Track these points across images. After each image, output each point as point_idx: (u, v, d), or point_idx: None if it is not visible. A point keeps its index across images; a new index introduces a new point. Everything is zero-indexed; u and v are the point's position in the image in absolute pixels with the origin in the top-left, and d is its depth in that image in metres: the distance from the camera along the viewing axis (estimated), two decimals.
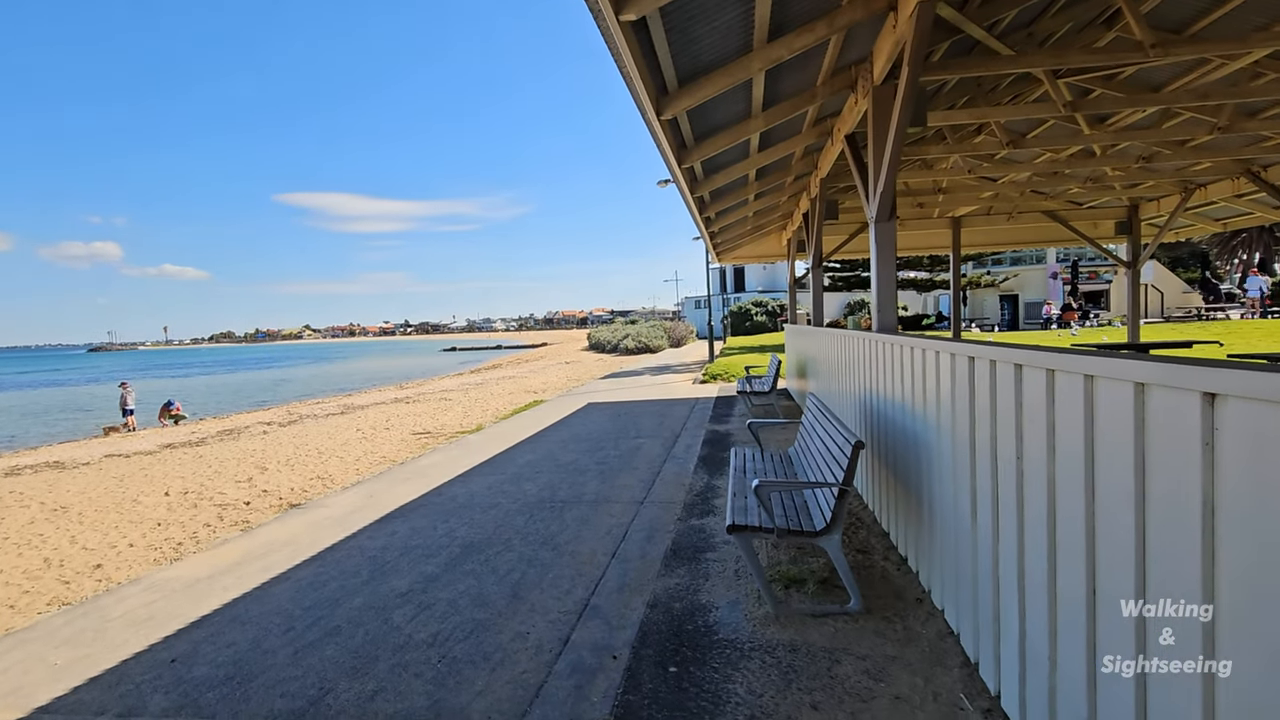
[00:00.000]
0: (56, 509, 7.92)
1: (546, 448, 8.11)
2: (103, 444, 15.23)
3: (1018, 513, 2.21)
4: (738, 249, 15.75)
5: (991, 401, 2.40)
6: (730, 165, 7.69)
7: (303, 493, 7.78)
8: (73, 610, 3.98)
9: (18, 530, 7.03)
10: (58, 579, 5.37)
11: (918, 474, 3.35)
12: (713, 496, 5.47)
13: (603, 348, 41.95)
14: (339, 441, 11.81)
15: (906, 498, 3.62)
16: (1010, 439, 2.25)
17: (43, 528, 7.06)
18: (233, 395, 34.60)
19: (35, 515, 7.68)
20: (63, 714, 2.79)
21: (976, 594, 2.59)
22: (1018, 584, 2.22)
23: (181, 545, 6.01)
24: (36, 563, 5.84)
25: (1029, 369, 2.12)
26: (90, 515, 7.48)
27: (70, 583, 5.25)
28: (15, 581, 5.38)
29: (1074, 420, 1.86)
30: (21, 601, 4.92)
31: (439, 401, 18.00)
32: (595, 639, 3.14)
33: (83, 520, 7.27)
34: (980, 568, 2.55)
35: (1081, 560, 1.83)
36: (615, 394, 14.19)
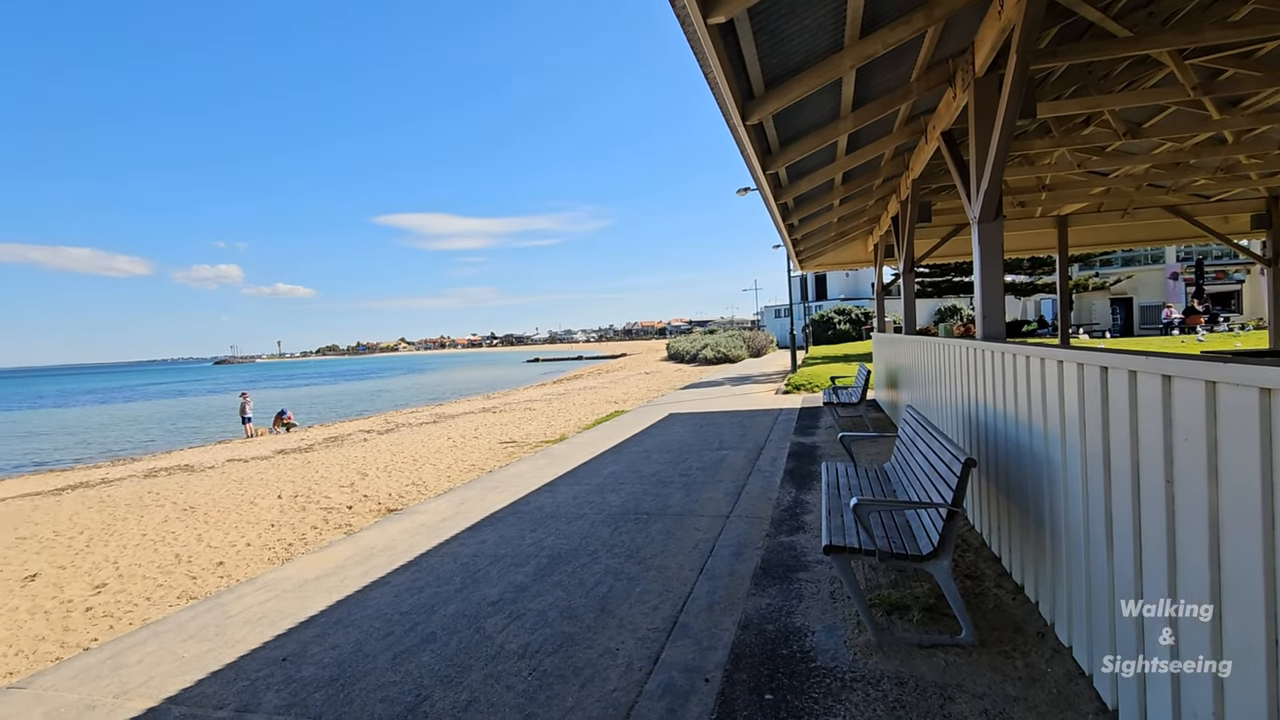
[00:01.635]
0: (186, 509, 8.62)
1: (629, 459, 8.08)
2: (225, 449, 16.55)
3: (1167, 545, 1.94)
4: (821, 256, 15.30)
5: (1131, 417, 2.13)
6: (816, 170, 7.45)
7: (399, 498, 8.11)
8: (198, 606, 4.26)
9: (154, 528, 7.69)
10: (186, 574, 5.81)
11: (1037, 495, 3.05)
12: (802, 512, 5.25)
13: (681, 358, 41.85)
14: (431, 449, 12.28)
15: (1023, 520, 3.31)
16: (1157, 460, 1.99)
17: (174, 526, 7.69)
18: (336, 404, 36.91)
19: (169, 514, 8.39)
20: (188, 706, 2.97)
21: (1115, 633, 2.31)
22: (1172, 626, 1.95)
23: (291, 546, 6.38)
24: (169, 558, 6.36)
25: (1180, 380, 1.86)
26: (214, 515, 8.09)
27: (197, 578, 5.66)
28: (151, 575, 5.86)
29: (1243, 441, 1.60)
30: (156, 594, 5.35)
31: (524, 411, 18.44)
32: (686, 659, 3.04)
33: (208, 520, 7.87)
34: (1119, 605, 2.26)
35: (1258, 606, 1.57)
36: (696, 404, 14.05)
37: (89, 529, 7.90)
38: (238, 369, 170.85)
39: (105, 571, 6.08)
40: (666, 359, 47.05)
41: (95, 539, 7.38)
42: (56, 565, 6.42)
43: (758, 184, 6.94)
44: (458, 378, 59.07)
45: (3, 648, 4.52)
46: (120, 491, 10.56)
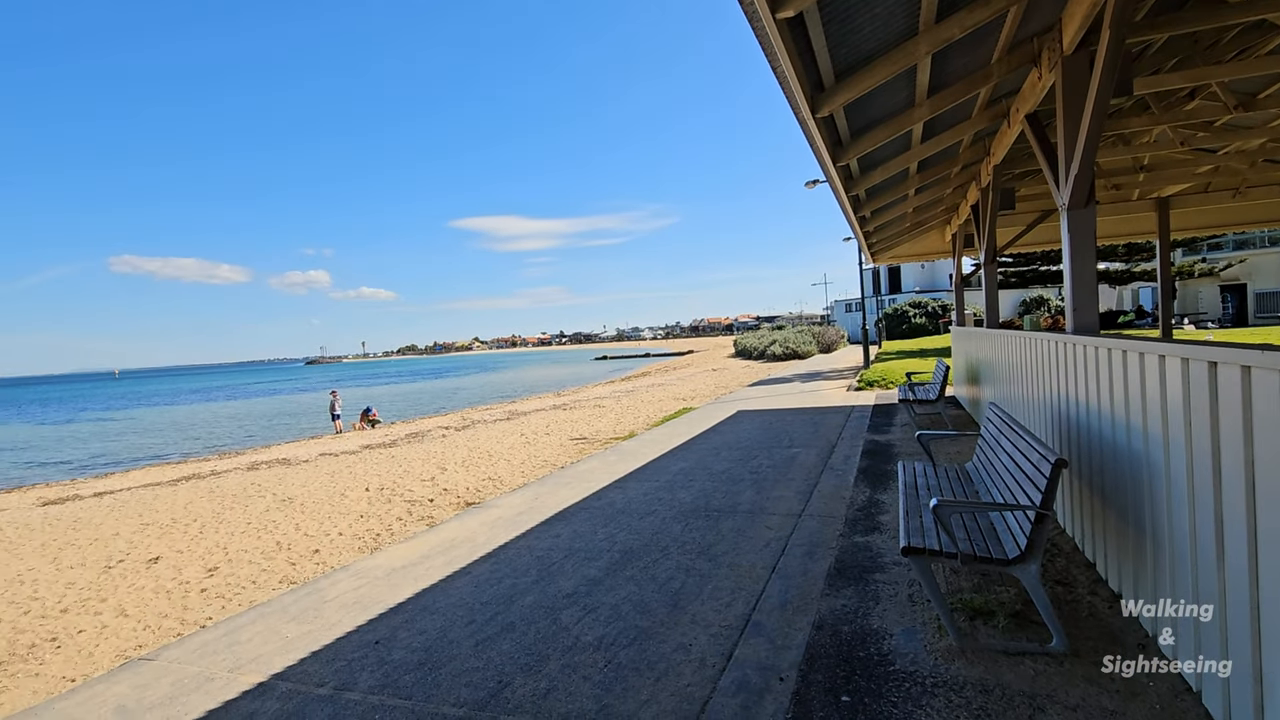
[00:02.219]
0: (284, 500, 9.24)
1: (698, 456, 8.08)
2: (318, 444, 17.60)
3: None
4: (894, 248, 14.78)
5: (1245, 416, 1.98)
6: (889, 160, 7.21)
7: (477, 492, 8.42)
8: (298, 590, 4.58)
9: (257, 517, 8.29)
10: (286, 560, 6.24)
11: (1136, 498, 2.86)
12: (877, 512, 5.11)
13: (749, 354, 41.35)
14: (506, 446, 12.66)
15: (1120, 525, 3.11)
16: (1277, 463, 1.83)
17: (275, 515, 8.27)
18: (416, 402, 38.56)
19: (269, 504, 9.02)
20: (293, 682, 3.20)
21: (1227, 647, 2.15)
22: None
23: (379, 536, 6.74)
24: (271, 545, 6.84)
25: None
26: (310, 506, 8.63)
27: (295, 564, 6.07)
28: (256, 561, 6.33)
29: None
30: (260, 578, 5.78)
31: (593, 408, 18.71)
32: (759, 658, 3.03)
33: (304, 510, 8.41)
34: (1234, 618, 2.10)
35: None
36: (765, 401, 13.88)
37: (201, 517, 8.60)
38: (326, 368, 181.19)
39: (216, 556, 6.61)
40: (733, 355, 46.62)
41: (207, 526, 8.03)
42: (175, 549, 7.03)
43: (828, 177, 6.79)
44: (529, 376, 60.53)
45: (133, 623, 5.00)
46: (227, 483, 11.43)
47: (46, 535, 8.40)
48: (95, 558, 6.97)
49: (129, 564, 6.60)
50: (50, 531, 8.61)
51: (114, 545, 7.45)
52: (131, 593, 5.70)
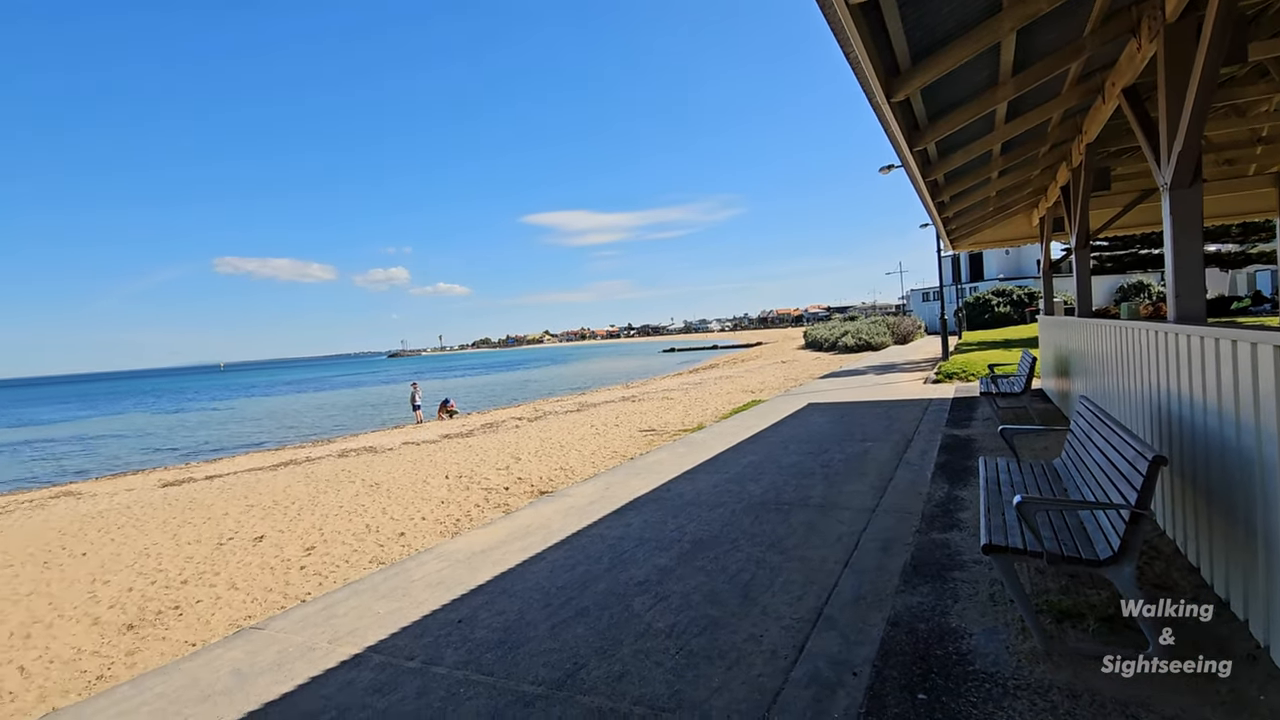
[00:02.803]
0: (372, 485, 9.80)
1: (768, 449, 8.01)
2: (400, 433, 18.50)
3: None
4: (976, 234, 14.09)
5: None
6: (970, 142, 6.90)
7: (550, 481, 8.66)
8: (387, 570, 4.87)
9: (348, 500, 8.83)
10: (375, 542, 6.63)
11: (1248, 499, 2.66)
12: (957, 509, 4.94)
13: (820, 346, 40.42)
14: (576, 436, 12.93)
15: (1228, 527, 2.90)
16: None
17: (364, 500, 8.78)
18: (490, 393, 39.83)
19: (359, 489, 9.58)
20: (385, 655, 3.42)
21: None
22: None
23: (459, 522, 7.05)
24: (361, 527, 7.28)
25: None
26: (395, 491, 9.12)
27: (384, 546, 6.45)
28: (348, 541, 6.76)
29: None
30: (353, 558, 6.17)
31: (661, 400, 18.81)
32: (832, 651, 3.01)
33: (390, 495, 8.89)
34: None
35: None
36: (836, 394, 13.57)
37: (299, 500, 9.24)
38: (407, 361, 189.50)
39: (313, 536, 7.10)
40: (803, 347, 45.68)
41: (304, 508, 8.62)
42: (277, 529, 7.59)
43: (903, 162, 6.56)
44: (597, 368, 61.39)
45: (243, 595, 5.45)
46: (320, 469, 12.21)
47: (167, 514, 9.24)
48: (208, 535, 7.63)
49: (237, 541, 7.19)
50: (169, 510, 9.47)
51: (224, 524, 8.12)
52: (240, 568, 6.21)
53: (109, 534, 8.29)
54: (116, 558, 7.04)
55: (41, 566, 7.01)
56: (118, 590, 5.91)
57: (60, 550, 7.66)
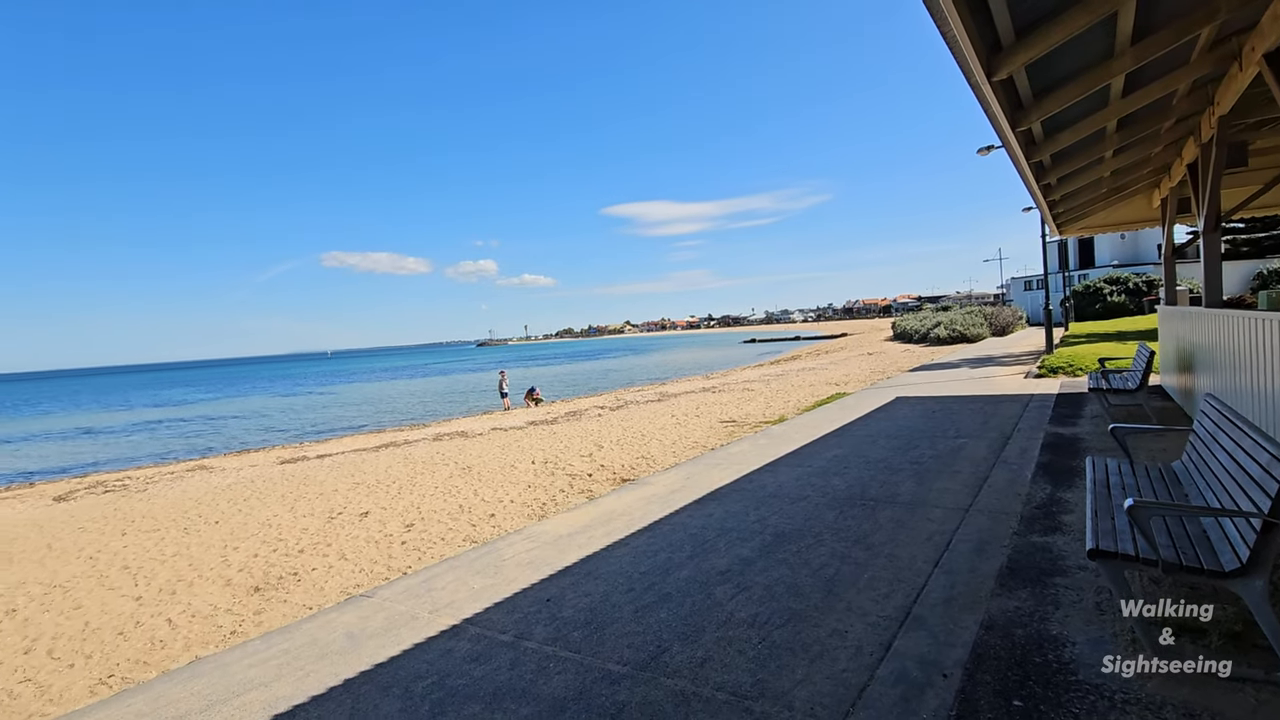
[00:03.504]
0: (464, 468, 10.30)
1: (853, 443, 7.81)
2: (489, 420, 19.29)
3: None
4: (1086, 218, 13.05)
5: None
6: (1081, 120, 6.40)
7: (631, 470, 8.81)
8: (480, 549, 5.14)
9: (442, 482, 9.33)
10: (468, 522, 6.98)
11: None
12: (1060, 511, 4.66)
13: (909, 337, 38.68)
14: (657, 426, 13.05)
15: None
16: None
17: (457, 482, 9.25)
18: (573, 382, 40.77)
19: (452, 472, 10.10)
20: (480, 627, 3.63)
21: None
22: None
23: (545, 506, 7.31)
24: (455, 507, 7.68)
25: None
26: (485, 475, 9.55)
27: (476, 526, 6.78)
28: (443, 520, 7.15)
29: None
30: (448, 536, 6.53)
31: (742, 392, 18.64)
32: (920, 651, 2.93)
33: (480, 478, 9.32)
34: None
35: None
36: (926, 388, 12.99)
37: (398, 480, 9.85)
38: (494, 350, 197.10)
39: (412, 514, 7.56)
40: (891, 339, 43.88)
41: (403, 488, 9.19)
42: (380, 506, 8.14)
43: (1005, 143, 6.19)
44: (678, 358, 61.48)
45: (352, 565, 5.91)
46: (417, 451, 12.95)
47: (284, 489, 10.10)
48: (320, 509, 8.28)
49: (346, 516, 7.77)
50: (287, 486, 10.34)
51: (334, 500, 8.79)
52: (349, 540, 6.71)
53: (236, 505, 9.16)
54: (244, 527, 7.77)
55: (182, 532, 7.85)
56: (245, 556, 6.54)
57: (197, 518, 8.54)
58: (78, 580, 6.28)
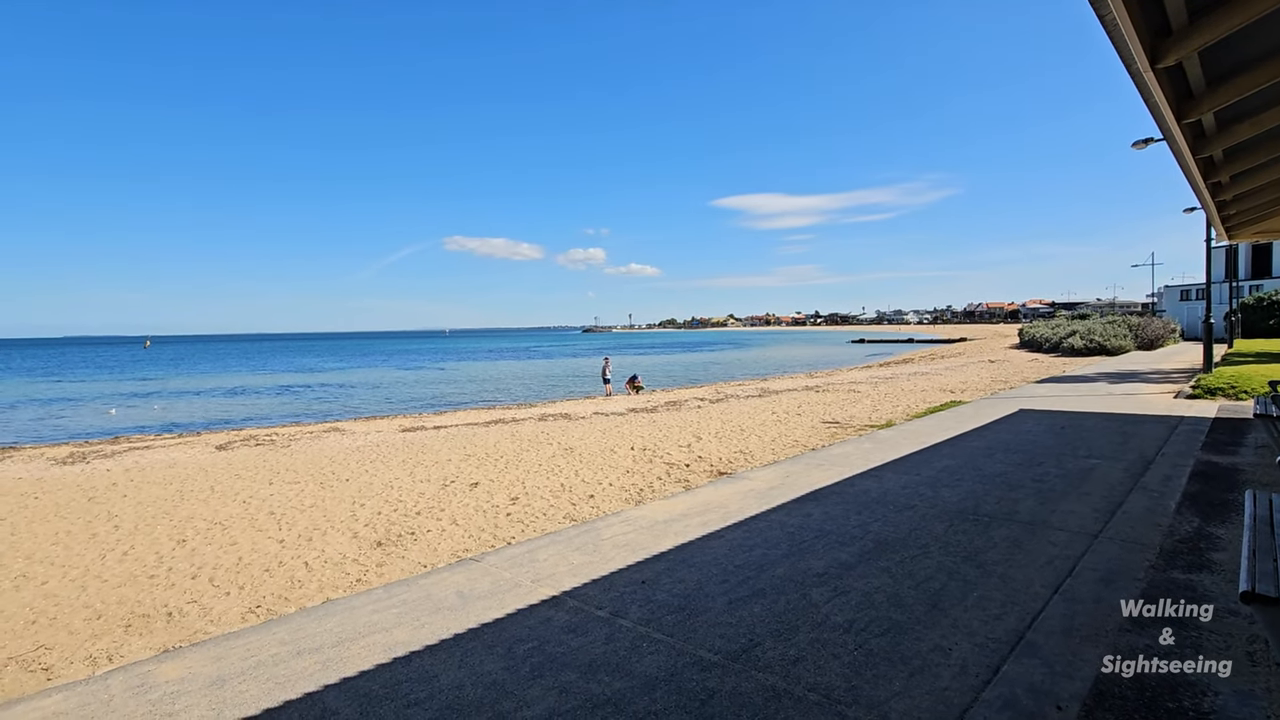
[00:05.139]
0: (566, 449, 10.68)
1: (968, 454, 7.36)
2: (591, 404, 19.83)
3: None
4: (1263, 221, 11.46)
5: None
6: (1264, 111, 5.62)
7: (729, 463, 8.78)
8: (579, 527, 5.34)
9: (546, 461, 9.73)
10: (569, 500, 7.26)
11: None
12: (1209, 548, 4.17)
13: (1038, 346, 35.64)
14: (757, 422, 12.90)
15: None
16: None
17: (559, 461, 9.62)
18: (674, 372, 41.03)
19: (555, 451, 10.51)
20: (578, 600, 3.79)
21: None
22: None
23: (642, 492, 7.45)
24: (556, 485, 8.01)
25: None
26: (586, 456, 9.86)
27: (576, 505, 7.04)
28: (545, 497, 7.47)
29: None
30: (550, 511, 6.83)
31: (847, 393, 18.01)
32: (1033, 679, 2.75)
33: (581, 459, 9.64)
34: None
35: None
36: (1056, 401, 11.96)
37: (506, 455, 10.37)
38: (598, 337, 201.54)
39: (517, 489, 7.96)
40: (1017, 346, 40.63)
41: (510, 463, 9.67)
42: (489, 478, 8.62)
43: (1167, 136, 5.56)
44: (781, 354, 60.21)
45: (462, 531, 6.32)
46: (523, 430, 13.57)
47: (405, 454, 10.92)
48: (435, 476, 8.90)
49: (457, 485, 8.30)
50: (407, 452, 11.18)
51: (447, 468, 9.41)
52: (460, 507, 7.18)
53: (364, 466, 10.02)
54: (369, 486, 8.51)
55: (319, 486, 8.70)
56: (370, 513, 7.16)
57: (331, 475, 9.43)
58: (234, 520, 7.14)
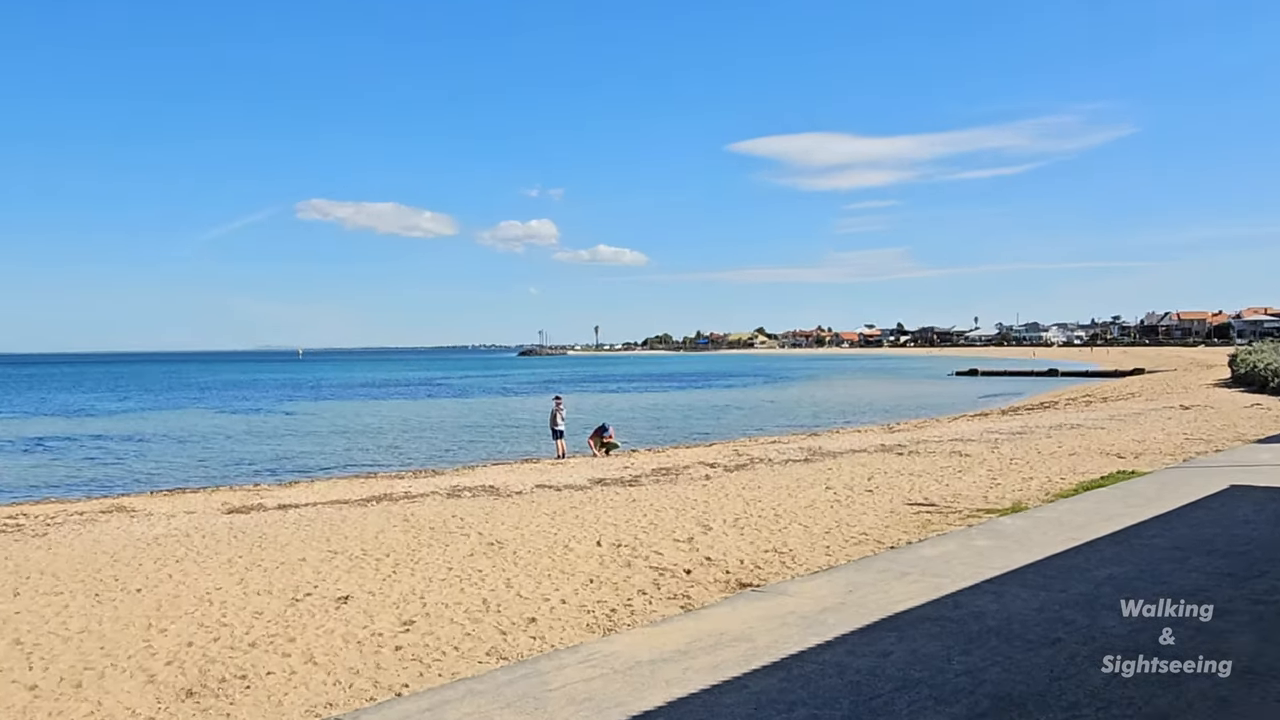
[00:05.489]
0: (492, 543, 10.68)
1: (1143, 558, 7.48)
2: (533, 470, 19.86)
3: None
4: None
5: None
6: None
7: (755, 568, 8.81)
8: (514, 669, 5.33)
9: (459, 561, 9.73)
10: (495, 626, 7.25)
11: None
12: None
13: (1261, 383, 36.17)
14: (803, 501, 12.96)
15: None
16: None
17: (480, 562, 9.61)
18: (668, 421, 41.23)
19: (474, 547, 10.52)
20: None
21: None
22: None
23: (615, 613, 7.44)
24: (476, 602, 8.01)
25: None
26: (523, 556, 9.86)
27: (507, 634, 7.03)
28: (458, 620, 7.47)
29: None
30: (464, 645, 6.82)
31: (948, 456, 18.16)
32: None
33: (516, 561, 9.64)
34: None
35: None
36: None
37: (395, 552, 10.33)
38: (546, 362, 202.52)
39: (412, 606, 7.91)
40: (1224, 383, 41.40)
41: (401, 565, 9.63)
42: (366, 590, 8.58)
43: None
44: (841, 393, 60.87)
45: (323, 673, 6.27)
46: (423, 510, 13.51)
47: (232, 550, 10.87)
48: (281, 585, 8.86)
49: (316, 599, 8.26)
50: (235, 546, 11.14)
51: (300, 573, 9.38)
52: (320, 635, 7.13)
53: (166, 568, 9.93)
54: (174, 600, 8.41)
55: (93, 599, 8.59)
56: (176, 643, 7.07)
57: (113, 581, 9.33)
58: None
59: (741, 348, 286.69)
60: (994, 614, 5.99)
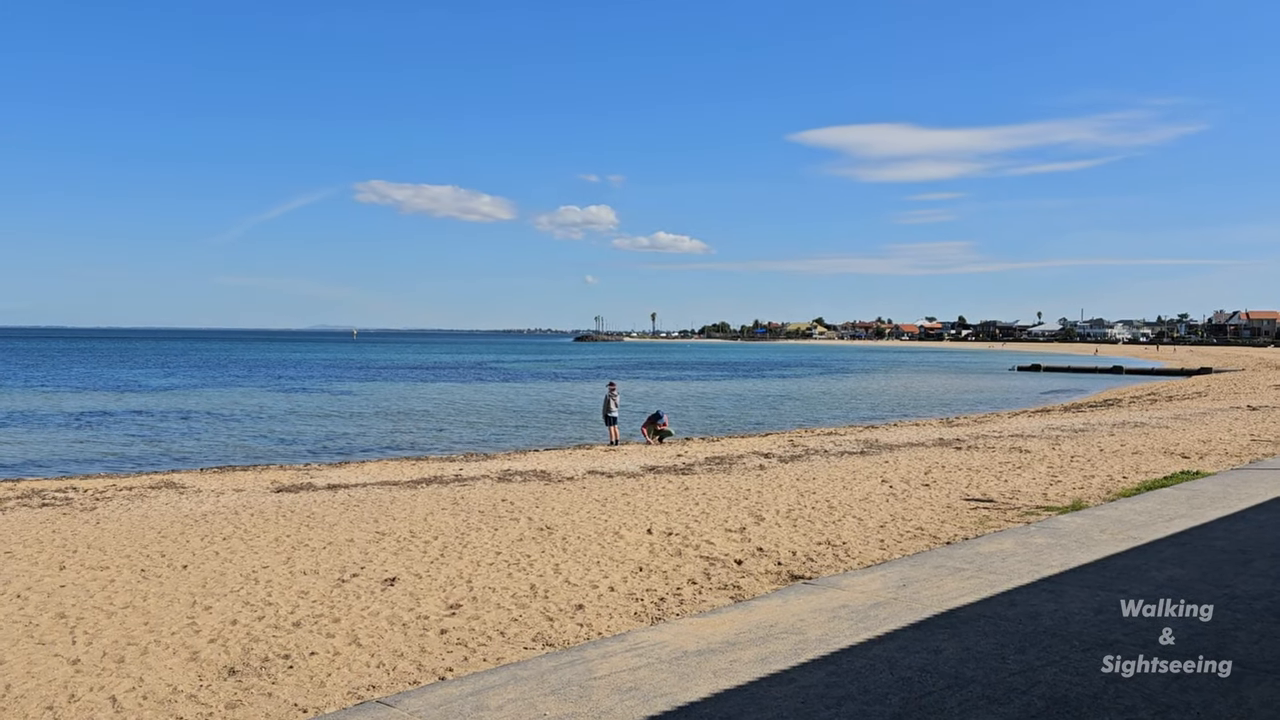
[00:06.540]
0: (542, 528, 10.74)
1: (1207, 560, 7.29)
2: (585, 456, 19.96)
3: None
4: None
5: None
6: None
7: (807, 560, 8.74)
8: (559, 656, 5.34)
9: (508, 546, 9.79)
10: (542, 612, 7.28)
11: None
12: None
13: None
14: (858, 494, 12.84)
15: None
16: None
17: (529, 547, 9.67)
18: (721, 410, 41.11)
19: (524, 531, 10.57)
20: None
21: None
22: None
23: (664, 602, 7.44)
24: (524, 587, 8.04)
25: None
26: (573, 542, 9.89)
27: (554, 620, 7.05)
28: (505, 605, 7.51)
29: None
30: (510, 630, 6.86)
31: (1007, 452, 17.89)
32: None
33: (565, 547, 9.67)
34: None
35: None
36: None
37: (443, 535, 10.43)
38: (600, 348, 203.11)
39: (459, 590, 7.98)
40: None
41: (449, 548, 9.72)
42: (413, 572, 8.67)
43: None
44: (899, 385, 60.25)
45: (366, 655, 6.35)
46: (473, 494, 13.64)
47: (280, 529, 11.06)
48: (328, 566, 8.99)
49: (362, 580, 8.37)
50: (283, 525, 11.33)
51: (347, 554, 9.51)
52: (365, 617, 7.22)
53: (213, 545, 10.14)
54: (220, 577, 8.59)
55: (138, 574, 8.81)
56: (220, 620, 7.22)
57: (159, 557, 9.55)
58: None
59: (799, 338, 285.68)
60: (1051, 613, 5.89)
